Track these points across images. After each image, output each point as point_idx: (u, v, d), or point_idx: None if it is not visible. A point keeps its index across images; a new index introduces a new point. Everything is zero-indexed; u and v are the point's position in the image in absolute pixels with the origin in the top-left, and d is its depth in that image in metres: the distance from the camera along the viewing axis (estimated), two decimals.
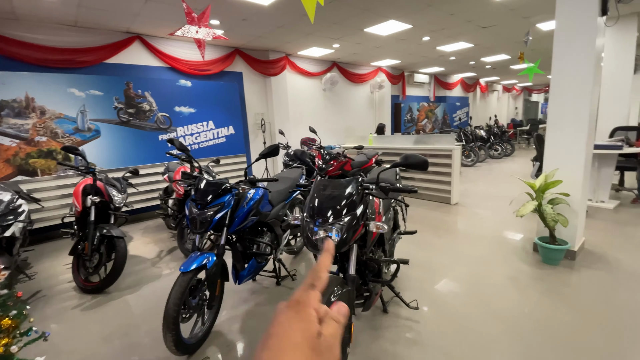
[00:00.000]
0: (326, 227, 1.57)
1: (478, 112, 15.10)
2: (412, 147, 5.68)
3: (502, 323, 2.23)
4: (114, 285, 3.10)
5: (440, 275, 2.95)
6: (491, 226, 4.15)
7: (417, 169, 1.73)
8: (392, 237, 2.57)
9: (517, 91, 18.72)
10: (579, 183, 3.01)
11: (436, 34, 6.27)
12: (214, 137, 5.85)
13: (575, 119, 2.96)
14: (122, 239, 3.02)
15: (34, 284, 3.26)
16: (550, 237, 3.06)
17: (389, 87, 9.95)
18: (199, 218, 2.08)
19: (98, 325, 2.49)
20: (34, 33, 4.53)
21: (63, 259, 3.84)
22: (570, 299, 2.48)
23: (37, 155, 4.31)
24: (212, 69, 6.13)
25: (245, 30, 5.48)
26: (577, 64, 2.90)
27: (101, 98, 4.70)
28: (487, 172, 7.99)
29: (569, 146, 3.02)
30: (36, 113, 4.27)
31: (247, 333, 2.29)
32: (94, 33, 4.96)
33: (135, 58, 5.40)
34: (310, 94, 8.18)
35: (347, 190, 1.66)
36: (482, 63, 10.03)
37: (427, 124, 11.76)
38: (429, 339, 2.11)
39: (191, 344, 2.04)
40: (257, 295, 2.78)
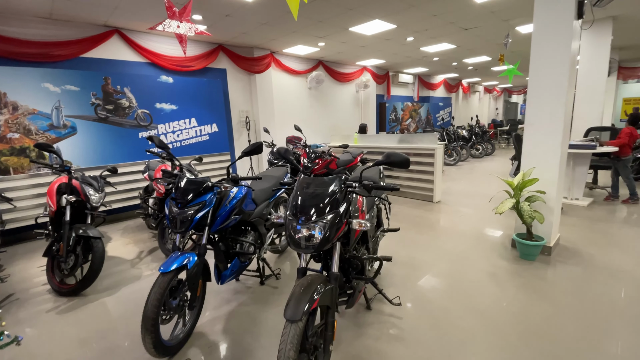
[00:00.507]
0: (309, 225, 1.56)
1: (460, 112, 15.43)
2: (396, 146, 5.75)
3: (481, 317, 2.29)
4: (91, 288, 3.01)
5: (423, 271, 3.00)
6: (472, 223, 4.25)
7: (399, 167, 1.74)
8: (376, 235, 2.60)
9: (498, 92, 19.23)
10: (554, 181, 3.12)
11: (420, 34, 6.36)
12: (197, 134, 5.74)
13: (551, 119, 3.06)
14: (99, 240, 2.92)
15: (6, 286, 3.12)
16: (528, 233, 3.16)
17: (374, 87, 10.03)
18: (179, 217, 2.04)
19: (74, 328, 2.40)
20: (6, 25, 4.31)
21: (37, 261, 3.69)
22: (545, 292, 2.57)
23: (9, 153, 4.11)
24: (194, 65, 6.00)
25: (229, 27, 5.40)
26: (553, 66, 3.00)
27: (78, 93, 4.53)
28: (468, 171, 8.17)
29: (545, 145, 3.12)
30: (8, 109, 4.07)
31: (229, 334, 2.26)
32: (70, 26, 4.77)
33: (114, 53, 5.22)
34: (296, 92, 8.14)
35: (330, 189, 1.66)
36: (464, 64, 10.25)
37: (411, 123, 11.93)
38: (411, 334, 2.14)
39: (171, 346, 2.00)
40: (241, 295, 2.75)
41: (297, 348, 1.38)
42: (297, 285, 1.55)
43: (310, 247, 1.55)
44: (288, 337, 1.39)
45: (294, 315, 1.41)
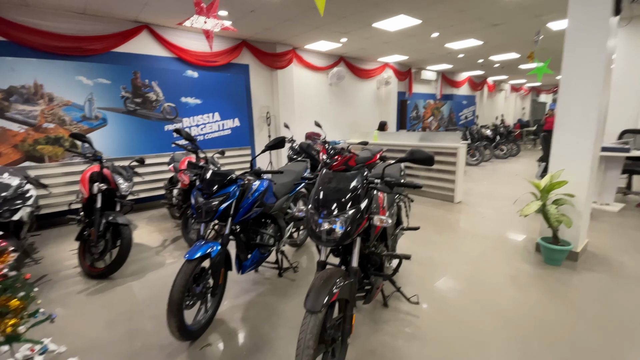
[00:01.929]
0: (330, 219, 1.58)
1: (485, 111, 14.98)
2: (417, 145, 5.66)
3: (501, 320, 2.24)
4: (119, 272, 3.15)
5: (441, 272, 2.96)
6: (494, 225, 4.15)
7: (423, 164, 1.73)
8: (395, 233, 2.59)
9: (525, 91, 18.52)
10: (584, 184, 3.00)
11: (445, 30, 6.21)
12: (220, 128, 5.87)
13: (583, 120, 2.94)
14: (127, 227, 3.05)
15: (40, 268, 3.32)
16: (553, 237, 3.06)
17: (395, 84, 9.89)
18: (205, 207, 2.11)
19: (103, 310, 2.54)
20: (43, 20, 4.54)
21: (69, 245, 3.90)
22: (570, 299, 2.49)
23: (45, 142, 4.35)
24: (219, 60, 6.12)
25: (253, 22, 5.46)
26: (588, 65, 2.87)
27: (109, 87, 4.73)
28: (491, 172, 7.95)
29: (576, 147, 3.00)
30: (44, 100, 4.30)
31: (248, 322, 2.32)
32: (102, 21, 4.97)
33: (143, 47, 5.40)
34: (317, 88, 8.15)
35: (352, 184, 1.67)
36: (491, 61, 9.93)
37: (433, 121, 11.70)
38: (428, 333, 2.13)
39: (194, 330, 2.08)
40: (259, 286, 2.82)
41: (316, 338, 1.41)
42: (317, 278, 1.58)
43: (331, 241, 1.57)
44: (308, 328, 1.42)
45: (313, 306, 1.43)
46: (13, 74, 4.03)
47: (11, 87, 4.04)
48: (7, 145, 4.09)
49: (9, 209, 2.63)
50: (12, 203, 2.68)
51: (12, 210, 2.65)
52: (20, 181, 2.88)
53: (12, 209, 2.65)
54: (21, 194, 2.81)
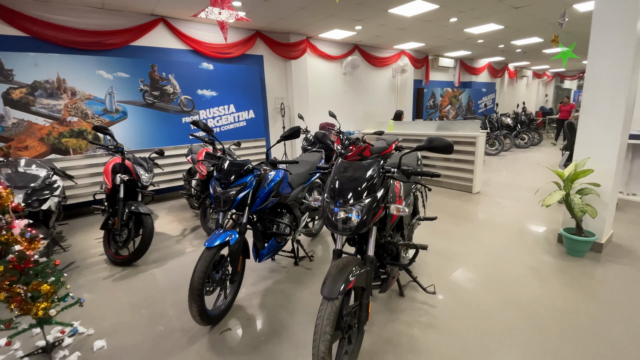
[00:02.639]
0: (347, 208, 1.58)
1: (505, 98, 14.48)
2: (435, 134, 5.55)
3: (521, 312, 2.21)
4: (142, 259, 3.28)
5: (458, 262, 2.93)
6: (513, 216, 4.05)
7: (442, 153, 1.69)
8: (412, 223, 2.57)
9: (549, 77, 17.74)
10: (611, 174, 2.87)
11: (464, 14, 5.99)
12: (235, 120, 5.92)
13: (611, 106, 2.80)
14: (149, 216, 3.16)
15: (68, 255, 3.49)
16: (577, 228, 2.96)
17: (411, 72, 9.67)
18: (223, 197, 2.15)
19: (127, 295, 2.65)
20: (63, 15, 4.66)
21: (94, 234, 4.07)
22: (593, 291, 2.42)
23: (69, 135, 4.52)
24: (233, 52, 6.14)
25: (267, 12, 5.43)
26: (616, 48, 2.72)
27: (128, 80, 4.84)
28: (511, 162, 7.73)
29: (603, 135, 2.87)
30: (67, 94, 4.45)
31: (265, 308, 2.38)
32: (120, 15, 5.05)
33: (159, 41, 5.48)
34: (330, 77, 8.07)
35: (368, 173, 1.66)
36: (512, 47, 9.53)
37: (451, 110, 11.41)
38: (444, 323, 2.13)
39: (214, 315, 2.15)
40: (276, 274, 2.87)
41: (333, 324, 1.43)
42: (333, 266, 1.59)
43: (347, 230, 1.58)
44: (325, 314, 1.44)
45: (330, 293, 1.45)
46: (37, 69, 4.18)
47: (35, 82, 4.20)
48: (33, 139, 4.27)
49: (38, 199, 2.76)
50: (40, 193, 2.81)
51: (40, 200, 2.78)
52: (47, 172, 3.01)
53: (41, 199, 2.79)
54: (49, 184, 2.94)
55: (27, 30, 4.43)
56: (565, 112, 10.02)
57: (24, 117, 4.20)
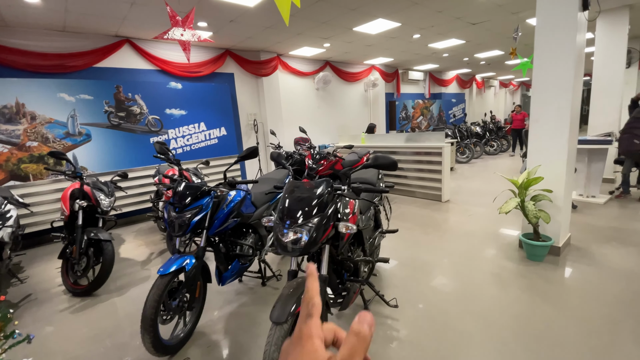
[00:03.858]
0: (295, 228, 1.59)
1: (475, 108, 15.07)
2: (404, 145, 5.69)
3: (480, 320, 2.25)
4: (103, 288, 3.14)
5: (425, 273, 2.97)
6: (480, 223, 4.17)
7: (387, 170, 1.75)
8: (374, 236, 2.59)
9: (515, 86, 18.67)
10: (561, 179, 3.02)
11: (426, 31, 6.27)
12: (206, 138, 5.87)
13: (557, 114, 2.97)
14: (109, 242, 3.05)
15: (25, 287, 3.31)
16: (534, 233, 3.08)
17: (383, 85, 9.95)
18: (177, 221, 2.11)
19: (85, 327, 2.53)
20: (23, 39, 4.55)
21: (55, 263, 3.88)
22: (550, 294, 2.50)
23: (29, 160, 4.35)
24: (202, 70, 6.15)
25: (234, 32, 5.50)
26: (559, 60, 2.91)
27: (91, 102, 4.73)
28: (481, 169, 7.99)
29: (552, 142, 3.03)
30: (27, 118, 4.30)
31: (228, 334, 2.32)
32: (83, 37, 4.98)
33: (125, 61, 5.42)
34: (303, 93, 8.19)
35: (317, 192, 1.68)
36: (476, 59, 10.02)
37: (423, 121, 11.75)
38: (406, 336, 2.14)
39: (171, 345, 2.07)
40: (242, 296, 2.82)
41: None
42: (285, 287, 1.59)
43: (296, 250, 1.58)
44: (273, 339, 1.42)
45: (279, 317, 1.44)
46: None
47: None
48: None
49: None
50: None
51: None
52: None
53: None
54: (0, 214, 2.80)
55: None
56: (517, 121, 9.82)
57: None
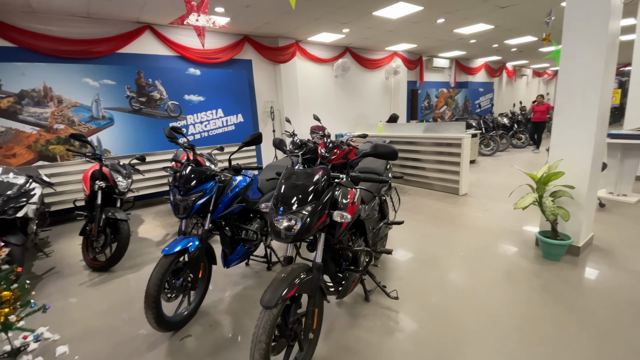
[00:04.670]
0: (288, 215, 1.58)
1: (504, 98, 14.35)
2: (421, 136, 5.53)
3: (484, 318, 2.18)
4: (119, 265, 3.31)
5: (432, 266, 2.91)
6: (497, 218, 4.01)
7: (387, 159, 1.69)
8: (378, 227, 2.56)
9: (549, 75, 17.55)
10: (585, 175, 2.83)
11: (451, 15, 5.96)
12: (223, 125, 5.96)
13: (583, 106, 2.76)
14: (125, 222, 3.19)
15: (50, 261, 3.54)
16: (552, 231, 2.92)
17: (405, 73, 9.64)
18: (181, 203, 2.16)
19: (100, 300, 2.68)
20: (49, 25, 4.75)
21: (79, 239, 4.13)
22: (563, 296, 2.38)
23: (56, 142, 4.59)
24: (221, 57, 6.19)
25: (251, 17, 5.46)
26: (588, 47, 2.68)
27: (114, 87, 4.90)
28: (506, 162, 7.65)
29: (576, 135, 2.83)
30: (54, 102, 4.52)
31: (230, 314, 2.38)
32: (106, 24, 5.13)
33: (146, 47, 5.54)
34: (321, 81, 8.08)
35: (313, 180, 1.66)
36: (507, 46, 9.46)
37: (447, 111, 11.34)
38: (405, 329, 2.11)
39: (174, 322, 2.16)
40: (247, 279, 2.88)
41: (269, 333, 1.43)
42: (279, 273, 1.60)
43: (289, 237, 1.58)
44: (261, 322, 1.44)
45: (269, 301, 1.45)
46: (23, 78, 4.26)
47: (22, 91, 4.27)
48: (21, 146, 4.34)
49: (14, 207, 2.81)
50: (16, 201, 2.85)
51: (16, 207, 2.83)
52: (25, 180, 3.06)
53: (17, 207, 2.83)
54: (25, 192, 2.99)
55: (14, 41, 4.52)
56: (539, 113, 8.83)
57: (11, 126, 4.28)
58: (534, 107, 8.93)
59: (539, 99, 8.86)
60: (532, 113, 8.96)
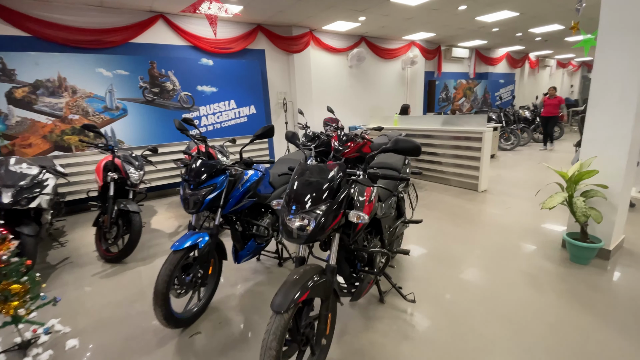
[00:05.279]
0: (301, 214, 1.48)
1: (526, 90, 13.77)
2: (440, 129, 5.32)
3: (507, 325, 2.05)
4: (131, 256, 3.31)
5: (449, 266, 2.78)
6: (518, 217, 3.82)
7: (408, 155, 1.56)
8: (394, 226, 2.44)
9: (574, 67, 16.73)
10: (620, 174, 2.62)
11: (473, 2, 5.66)
12: (236, 116, 5.89)
13: (621, 100, 2.54)
14: (137, 214, 3.17)
15: (64, 251, 3.57)
16: (582, 233, 2.74)
17: (422, 63, 9.32)
18: (191, 198, 2.09)
19: (111, 292, 2.67)
20: (63, 14, 4.73)
21: (93, 230, 4.16)
22: (593, 303, 2.22)
23: (71, 132, 4.61)
24: (233, 47, 6.08)
25: (265, 5, 5.31)
26: (628, 34, 2.45)
27: (127, 77, 4.87)
28: (527, 157, 7.34)
29: (611, 131, 2.62)
30: (68, 92, 4.53)
31: (241, 311, 2.32)
32: (119, 13, 5.08)
33: (159, 37, 5.49)
34: (335, 71, 7.89)
35: (328, 176, 1.55)
36: (531, 35, 8.99)
37: (465, 103, 10.96)
38: (422, 334, 2.00)
39: (183, 318, 2.11)
40: (258, 275, 2.82)
41: (280, 339, 1.35)
42: (291, 274, 1.51)
43: (302, 237, 1.48)
44: (272, 328, 1.36)
45: (280, 306, 1.37)
46: (38, 68, 4.27)
47: (37, 81, 4.29)
48: (36, 136, 4.38)
49: (27, 197, 2.81)
50: (29, 191, 2.86)
51: (29, 198, 2.83)
52: (38, 171, 3.06)
53: (30, 197, 2.83)
54: (39, 182, 2.99)
55: (28, 30, 4.53)
56: (550, 107, 7.99)
57: (27, 116, 4.31)
58: (545, 100, 8.09)
59: (551, 91, 8.00)
60: (543, 106, 8.16)
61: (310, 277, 1.49)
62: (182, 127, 2.43)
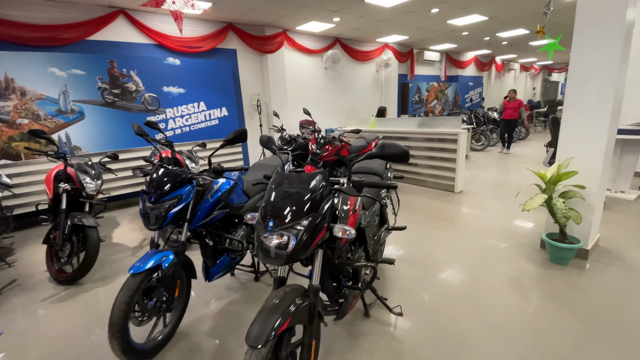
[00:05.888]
0: (279, 231, 1.30)
1: (492, 92, 14.32)
2: (416, 131, 5.30)
3: (497, 333, 1.97)
4: (88, 276, 2.97)
5: (434, 273, 2.69)
6: (497, 218, 3.83)
7: (397, 161, 1.43)
8: (378, 234, 2.30)
9: (536, 70, 17.65)
10: (597, 174, 2.65)
11: (446, 5, 5.72)
12: (206, 119, 5.58)
13: (597, 100, 2.56)
14: (94, 229, 2.84)
15: (12, 271, 3.16)
16: (561, 234, 2.74)
17: (396, 66, 9.39)
18: (152, 212, 1.84)
19: (64, 319, 2.35)
20: (11, 9, 4.24)
21: (44, 247, 3.73)
22: (578, 305, 2.19)
23: (20, 139, 4.14)
24: (202, 46, 5.78)
25: (236, 3, 5.08)
26: (603, 36, 2.48)
27: (84, 78, 4.46)
28: (498, 157, 7.54)
29: (588, 132, 2.64)
30: (16, 94, 4.06)
31: (214, 335, 2.10)
32: (75, 8, 4.65)
33: (119, 34, 5.09)
34: (311, 72, 7.75)
35: (309, 187, 1.38)
36: (498, 39, 9.32)
37: (437, 105, 11.18)
38: (410, 350, 1.87)
39: (146, 350, 1.86)
40: (233, 292, 2.59)
41: None
42: (268, 300, 1.32)
43: (281, 257, 1.29)
44: None
45: (256, 339, 1.18)
46: None
47: None
48: None
49: None
50: None
51: None
52: None
53: None
54: None
55: None
56: (511, 110, 7.87)
57: None
58: (506, 104, 8.00)
59: (510, 94, 7.90)
60: (504, 110, 8.07)
61: (292, 300, 1.31)
62: (141, 131, 2.17)
